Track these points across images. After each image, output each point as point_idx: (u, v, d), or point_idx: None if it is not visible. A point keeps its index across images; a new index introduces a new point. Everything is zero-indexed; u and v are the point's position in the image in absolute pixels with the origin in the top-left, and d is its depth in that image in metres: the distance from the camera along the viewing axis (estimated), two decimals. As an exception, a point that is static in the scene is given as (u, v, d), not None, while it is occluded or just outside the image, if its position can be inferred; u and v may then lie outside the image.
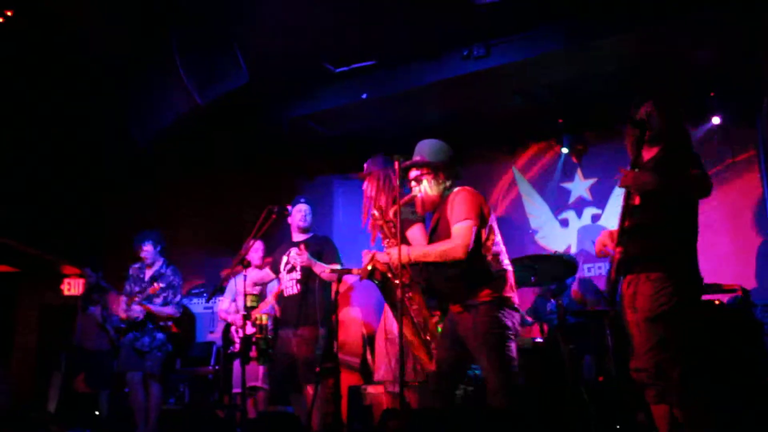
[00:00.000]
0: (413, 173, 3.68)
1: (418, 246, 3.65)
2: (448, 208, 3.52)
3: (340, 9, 5.42)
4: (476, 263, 3.43)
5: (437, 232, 3.58)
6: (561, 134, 7.02)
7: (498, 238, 3.57)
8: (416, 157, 3.68)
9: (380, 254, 3.77)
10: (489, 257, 3.47)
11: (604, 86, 6.24)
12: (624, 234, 3.17)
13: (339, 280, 4.56)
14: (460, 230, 3.41)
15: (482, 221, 3.47)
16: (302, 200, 5.42)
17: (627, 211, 3.17)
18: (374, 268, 3.75)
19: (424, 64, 6.13)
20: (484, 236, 3.48)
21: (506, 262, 3.55)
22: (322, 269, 4.93)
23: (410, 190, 3.79)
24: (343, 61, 6.21)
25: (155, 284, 6.07)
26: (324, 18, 5.51)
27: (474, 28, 5.74)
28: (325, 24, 5.59)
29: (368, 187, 4.64)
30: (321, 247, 5.19)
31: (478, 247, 3.44)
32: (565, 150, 7.10)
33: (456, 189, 3.60)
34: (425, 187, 3.64)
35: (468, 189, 3.57)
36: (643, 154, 3.31)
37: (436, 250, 3.47)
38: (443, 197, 3.61)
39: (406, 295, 3.74)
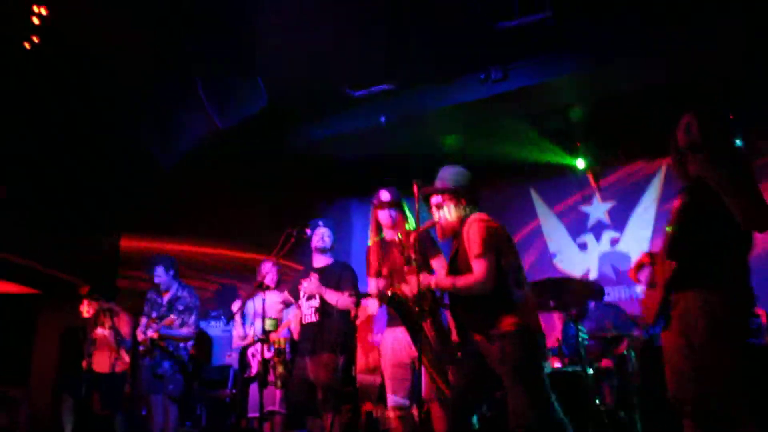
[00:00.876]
0: (435, 199, 3.69)
1: (443, 276, 3.64)
2: (464, 236, 3.52)
3: (359, 33, 5.47)
4: (497, 291, 3.41)
5: (457, 260, 3.57)
6: (579, 157, 7.01)
7: (516, 260, 3.56)
8: (438, 183, 3.69)
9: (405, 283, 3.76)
10: (509, 282, 3.45)
11: (622, 109, 6.23)
12: (674, 252, 3.04)
13: (357, 305, 4.55)
14: (479, 266, 3.39)
15: (498, 249, 3.46)
16: (320, 223, 5.32)
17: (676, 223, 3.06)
18: (394, 294, 3.74)
19: (442, 87, 6.16)
20: (502, 262, 3.47)
21: (526, 284, 3.54)
22: (333, 297, 4.89)
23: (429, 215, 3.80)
24: (362, 84, 6.24)
25: (172, 316, 6.09)
26: (343, 42, 5.56)
27: (491, 52, 5.77)
28: (345, 48, 5.64)
29: (392, 215, 4.59)
30: (339, 273, 5.11)
31: (499, 275, 3.43)
32: (583, 172, 7.07)
33: (471, 216, 3.60)
34: (446, 213, 3.64)
35: (480, 218, 3.55)
36: (689, 167, 3.19)
37: (462, 283, 3.45)
38: (463, 223, 3.62)
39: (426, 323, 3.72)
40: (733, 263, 2.99)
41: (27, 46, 5.47)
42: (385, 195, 4.62)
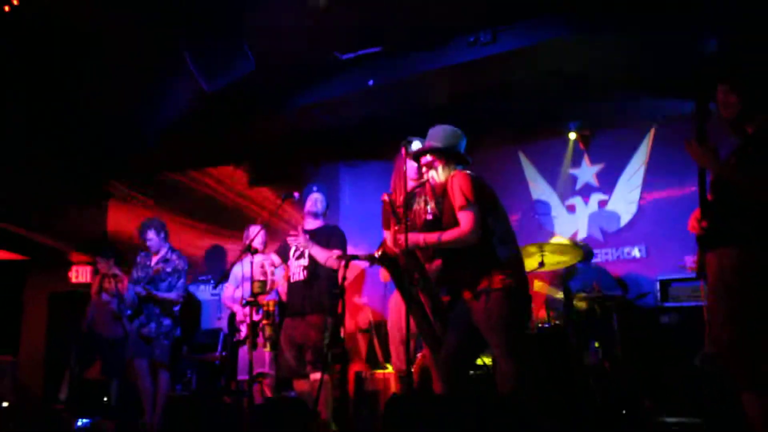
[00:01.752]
0: (424, 159, 3.69)
1: (429, 233, 3.65)
2: (449, 190, 3.53)
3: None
4: (485, 249, 3.43)
5: (444, 217, 3.58)
6: (568, 120, 7.00)
7: (504, 218, 3.57)
8: (428, 143, 3.68)
9: (389, 240, 3.78)
10: (497, 241, 3.46)
11: (612, 72, 6.19)
12: (707, 207, 3.09)
13: (346, 266, 4.56)
14: (466, 216, 3.41)
15: (485, 205, 3.47)
16: (315, 188, 5.43)
17: (706, 184, 3.09)
18: (384, 254, 3.76)
19: (431, 50, 6.10)
20: (489, 220, 3.48)
21: (515, 245, 3.56)
22: (321, 254, 4.96)
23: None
24: (349, 48, 6.18)
25: (158, 265, 6.12)
26: (330, 5, 5.48)
27: (480, 14, 5.71)
28: (331, 11, 5.56)
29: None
30: (329, 235, 5.21)
31: (486, 233, 3.44)
32: (572, 136, 7.07)
33: (454, 172, 3.59)
34: (435, 174, 3.64)
35: (463, 173, 3.56)
36: (747, 128, 3.13)
37: (448, 236, 3.47)
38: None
39: (415, 282, 3.74)
40: (765, 217, 2.96)
41: (6, 9, 5.36)
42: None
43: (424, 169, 3.71)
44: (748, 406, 2.93)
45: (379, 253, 3.76)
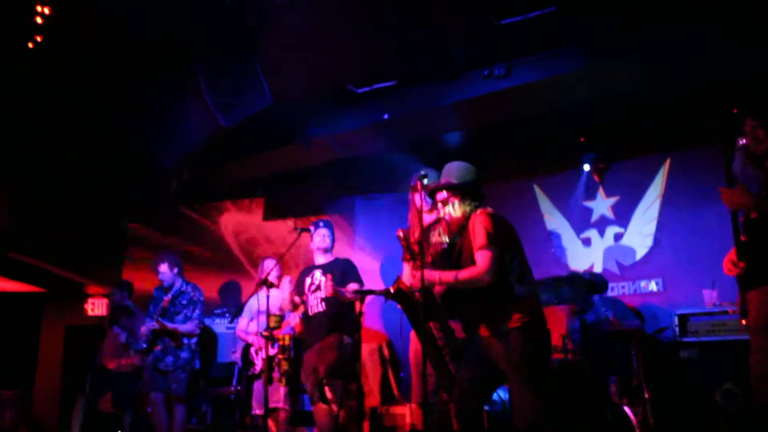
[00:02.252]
0: (440, 195, 3.71)
1: (445, 271, 3.65)
2: (469, 230, 3.54)
3: (362, 30, 5.47)
4: (502, 287, 3.43)
5: (462, 255, 3.58)
6: (582, 152, 7.00)
7: (522, 256, 3.57)
8: (443, 180, 3.70)
9: (407, 276, 3.79)
10: (515, 279, 3.46)
11: (626, 104, 6.22)
12: (743, 249, 3.13)
13: (362, 301, 4.58)
14: (483, 257, 3.42)
15: (504, 243, 3.47)
16: (322, 224, 5.65)
17: (740, 225, 3.15)
18: (399, 290, 3.76)
19: (445, 84, 6.16)
20: (507, 258, 3.48)
21: (532, 281, 3.55)
22: (346, 296, 5.08)
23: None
24: (365, 82, 6.24)
25: (168, 295, 6.14)
26: (346, 40, 5.56)
27: (495, 48, 5.76)
28: (347, 46, 5.64)
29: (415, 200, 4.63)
30: (344, 269, 5.37)
31: (504, 270, 3.44)
32: (586, 168, 7.06)
33: (477, 211, 3.61)
34: (451, 210, 3.66)
35: (487, 211, 3.57)
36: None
37: (464, 275, 3.48)
38: (468, 219, 3.62)
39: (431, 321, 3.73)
40: None
41: (30, 45, 5.47)
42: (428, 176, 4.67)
43: (440, 205, 3.72)
44: None
45: (394, 288, 3.76)
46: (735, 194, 3.13)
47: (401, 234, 3.83)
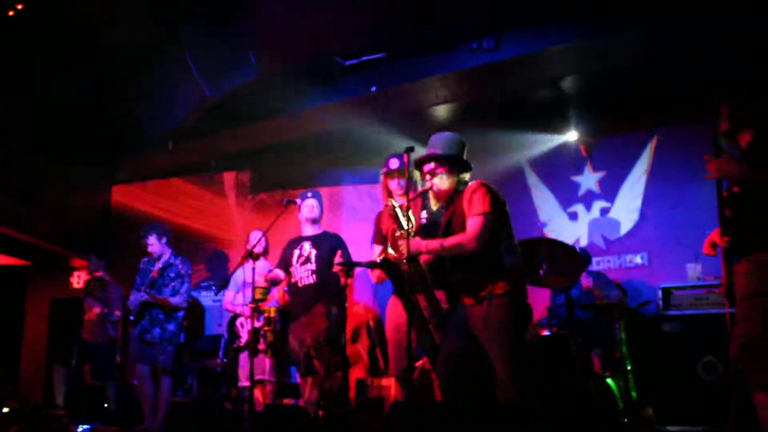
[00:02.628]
0: (427, 167, 3.69)
1: (431, 239, 3.65)
2: (464, 202, 3.53)
3: (351, 2, 5.41)
4: (491, 256, 3.44)
5: (452, 225, 3.58)
6: (570, 127, 7.00)
7: (510, 228, 3.58)
8: (430, 150, 3.69)
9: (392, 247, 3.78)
10: (504, 249, 3.47)
11: (614, 79, 6.21)
12: (727, 223, 3.18)
13: (348, 274, 4.60)
14: (475, 223, 3.43)
15: (498, 214, 3.48)
16: (310, 194, 5.53)
17: (724, 200, 3.20)
18: (386, 259, 3.76)
19: (434, 56, 6.12)
20: (499, 228, 3.48)
21: (518, 252, 3.56)
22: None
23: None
24: (353, 54, 6.20)
25: (156, 266, 6.11)
26: (334, 11, 5.50)
27: (483, 21, 5.72)
28: (335, 17, 5.59)
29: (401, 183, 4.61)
30: (333, 245, 5.31)
31: (494, 240, 3.45)
32: (574, 142, 7.07)
33: (472, 183, 3.60)
34: (438, 180, 3.65)
35: (485, 185, 3.57)
36: (739, 140, 3.29)
37: (450, 242, 3.48)
38: (457, 190, 3.62)
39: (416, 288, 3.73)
40: None
41: (11, 13, 5.39)
42: (394, 163, 4.68)
43: (426, 176, 3.71)
44: (760, 406, 2.99)
45: (380, 258, 3.76)
46: (721, 162, 3.18)
47: (390, 204, 3.81)
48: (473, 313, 3.45)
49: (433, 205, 3.81)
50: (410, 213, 3.70)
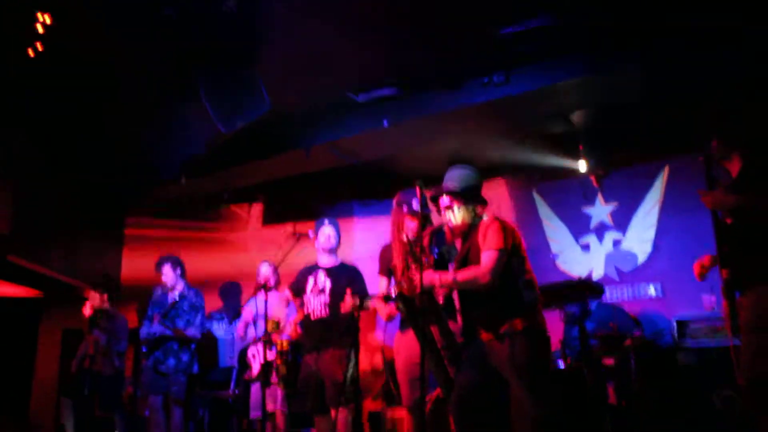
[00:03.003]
0: (443, 201, 3.72)
1: (444, 272, 3.66)
2: (479, 237, 3.54)
3: (362, 38, 5.49)
4: (510, 291, 3.44)
5: (468, 260, 3.59)
6: (581, 159, 7.03)
7: (527, 263, 3.59)
8: (445, 185, 3.71)
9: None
10: (522, 284, 3.47)
11: (625, 112, 6.25)
12: (725, 256, 3.20)
13: (361, 307, 4.55)
14: (489, 257, 3.44)
15: (513, 250, 3.49)
16: (326, 222, 5.34)
17: (721, 232, 3.24)
18: (401, 293, 3.77)
19: (445, 91, 6.18)
20: (515, 263, 3.49)
21: (536, 287, 3.57)
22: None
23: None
24: (365, 89, 6.26)
25: (170, 297, 6.15)
26: (346, 48, 5.58)
27: (494, 56, 5.79)
28: (348, 53, 5.66)
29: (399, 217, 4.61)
30: (351, 278, 5.15)
31: (511, 276, 3.45)
32: (585, 174, 7.09)
33: (487, 218, 3.62)
34: (452, 216, 3.67)
35: (501, 220, 3.59)
36: (730, 168, 3.36)
37: (464, 276, 3.49)
38: (472, 224, 3.64)
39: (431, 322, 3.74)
40: None
41: (30, 53, 5.49)
42: (416, 205, 4.60)
43: (443, 210, 3.73)
44: None
45: (396, 293, 3.77)
46: (716, 194, 3.23)
47: (405, 239, 3.83)
48: (493, 348, 3.45)
49: (449, 241, 3.83)
50: (424, 245, 3.72)
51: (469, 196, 3.67)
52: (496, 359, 3.44)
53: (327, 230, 5.29)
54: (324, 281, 5.18)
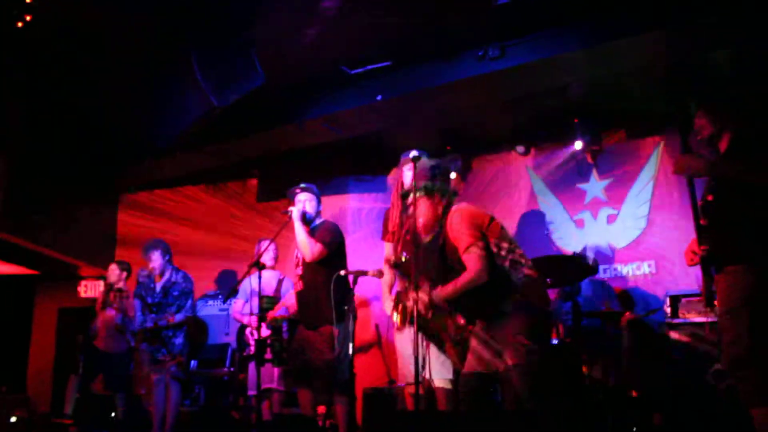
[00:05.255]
0: (411, 199, 3.65)
1: (443, 287, 3.60)
2: (449, 231, 3.49)
3: (355, 11, 5.43)
4: (498, 274, 3.41)
5: (446, 254, 3.54)
6: (576, 134, 6.98)
7: (510, 242, 3.54)
8: (411, 180, 3.64)
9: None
10: (506, 265, 3.44)
11: (620, 86, 6.20)
12: (703, 232, 3.14)
13: (354, 282, 4.50)
14: (470, 258, 3.40)
15: (485, 235, 3.44)
16: (298, 190, 5.18)
17: (699, 209, 3.17)
18: (404, 308, 3.76)
19: (439, 65, 6.12)
20: (494, 247, 3.45)
21: (526, 263, 3.54)
22: (304, 240, 4.79)
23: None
24: (359, 62, 6.21)
25: (158, 284, 6.16)
26: (339, 20, 5.52)
27: (489, 29, 5.73)
28: (341, 26, 5.60)
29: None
30: (321, 229, 5.01)
31: (496, 259, 3.42)
32: (580, 149, 7.06)
33: (452, 209, 3.56)
34: (422, 211, 3.61)
35: (460, 207, 3.52)
36: (719, 145, 3.26)
37: (462, 285, 3.44)
38: (445, 215, 3.58)
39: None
40: (758, 236, 3.01)
41: (19, 24, 5.42)
42: (413, 152, 4.58)
43: (410, 209, 3.65)
44: (758, 422, 2.95)
45: (402, 259, 3.76)
46: (688, 159, 3.17)
47: (403, 259, 3.82)
48: (492, 329, 3.44)
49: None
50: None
51: (434, 190, 3.61)
52: (495, 338, 3.42)
53: (299, 198, 5.16)
54: (297, 252, 5.05)
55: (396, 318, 4.14)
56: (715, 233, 3.12)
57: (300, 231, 4.87)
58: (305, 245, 4.84)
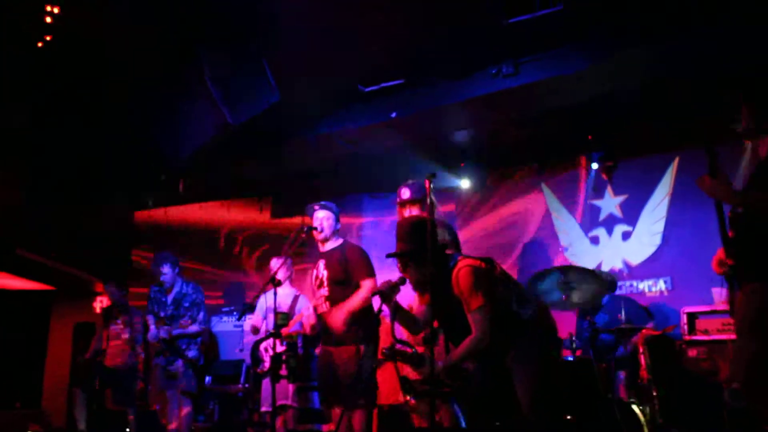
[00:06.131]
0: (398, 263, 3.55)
1: (449, 355, 3.54)
2: (455, 288, 3.41)
3: (370, 29, 5.47)
4: (505, 320, 3.36)
5: (453, 314, 3.45)
6: (590, 151, 6.98)
7: (514, 284, 3.53)
8: (398, 245, 3.54)
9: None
10: (513, 306, 3.39)
11: (634, 102, 6.20)
12: (730, 245, 3.11)
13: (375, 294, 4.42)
14: (475, 321, 3.33)
15: (490, 290, 3.37)
16: (317, 207, 5.01)
17: (728, 219, 3.13)
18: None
19: (453, 82, 6.15)
20: (498, 294, 3.40)
21: (533, 299, 3.53)
22: (351, 304, 4.66)
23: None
24: (373, 80, 6.24)
25: (184, 321, 6.20)
26: (354, 38, 5.56)
27: (503, 47, 5.75)
28: (355, 44, 5.64)
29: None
30: (346, 258, 4.82)
31: (503, 301, 3.39)
32: (594, 166, 7.05)
33: (456, 267, 3.44)
34: (412, 274, 3.50)
35: (465, 267, 3.41)
36: (760, 148, 3.20)
37: (467, 350, 3.38)
38: (440, 274, 3.44)
39: None
40: None
41: (40, 44, 5.51)
42: (405, 193, 4.56)
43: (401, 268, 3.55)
44: None
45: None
46: (713, 183, 3.13)
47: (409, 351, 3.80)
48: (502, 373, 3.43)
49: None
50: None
51: (419, 253, 3.39)
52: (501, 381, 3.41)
53: (317, 215, 4.99)
54: (322, 271, 4.91)
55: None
56: (740, 247, 3.08)
57: (350, 304, 4.65)
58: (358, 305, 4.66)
